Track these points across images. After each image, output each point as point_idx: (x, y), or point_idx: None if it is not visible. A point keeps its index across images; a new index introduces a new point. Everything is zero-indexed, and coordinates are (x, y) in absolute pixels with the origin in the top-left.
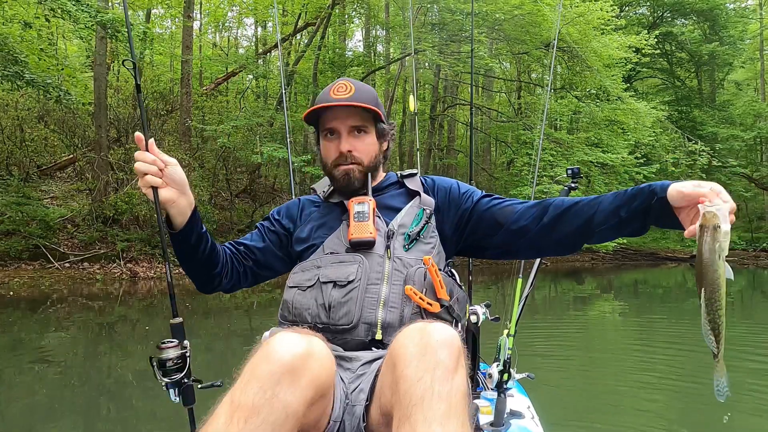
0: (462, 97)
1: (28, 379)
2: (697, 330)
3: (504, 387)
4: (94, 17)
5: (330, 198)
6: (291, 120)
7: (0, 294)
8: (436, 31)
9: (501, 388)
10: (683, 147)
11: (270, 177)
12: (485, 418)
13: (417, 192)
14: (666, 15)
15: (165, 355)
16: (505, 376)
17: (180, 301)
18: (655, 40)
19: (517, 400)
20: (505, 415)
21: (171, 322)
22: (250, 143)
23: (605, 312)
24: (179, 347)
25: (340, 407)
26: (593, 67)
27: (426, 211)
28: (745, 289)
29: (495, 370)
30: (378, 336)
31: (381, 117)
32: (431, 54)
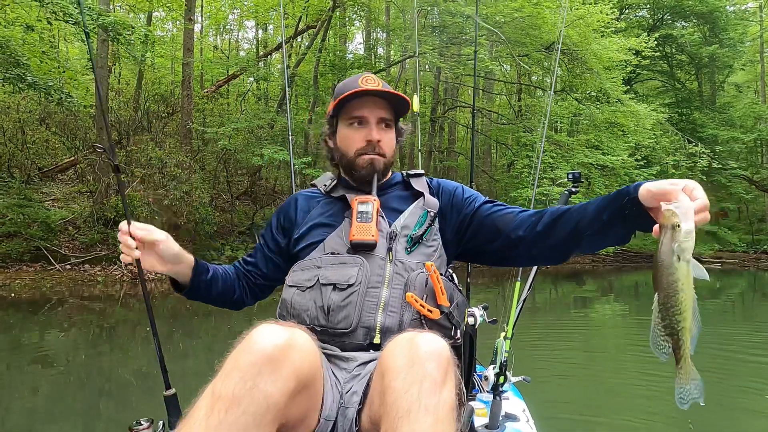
0: (462, 100)
1: (28, 381)
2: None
3: (500, 390)
4: (95, 20)
5: (333, 192)
6: (292, 122)
7: (1, 296)
8: (436, 34)
9: (497, 390)
10: (683, 149)
11: (271, 179)
12: (480, 420)
13: (422, 193)
14: (666, 17)
15: None
16: (501, 378)
17: (181, 302)
18: (655, 42)
19: (513, 403)
20: (501, 418)
21: (165, 394)
22: (250, 145)
23: (605, 314)
24: (151, 429)
25: (333, 405)
26: (593, 70)
27: (430, 214)
28: (746, 292)
29: (491, 372)
30: (376, 340)
31: (404, 112)
32: (432, 56)
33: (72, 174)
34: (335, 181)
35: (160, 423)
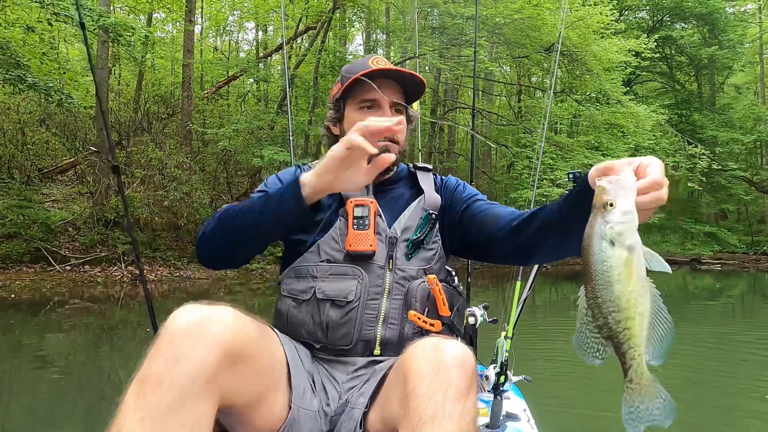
0: (462, 101)
1: (28, 382)
2: (697, 334)
3: (500, 389)
4: (96, 21)
5: None
6: (293, 123)
7: (1, 297)
8: (436, 35)
9: (497, 390)
10: (683, 150)
11: None
12: (481, 419)
13: (423, 189)
14: (665, 19)
15: None
16: (502, 378)
17: (180, 303)
18: (655, 43)
19: (514, 402)
20: (501, 417)
21: None
22: (251, 147)
23: None
24: None
25: (312, 398)
26: (593, 71)
27: (431, 216)
28: (746, 293)
29: (492, 371)
30: (377, 352)
31: (417, 97)
32: (431, 58)
33: (72, 175)
34: None
35: None
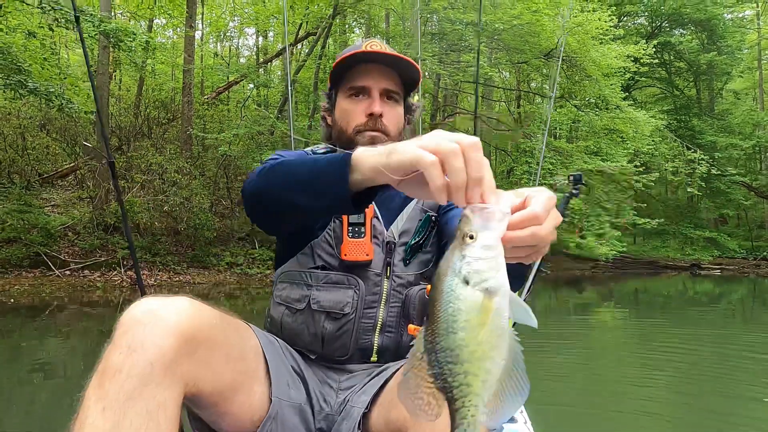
0: (462, 106)
1: (27, 387)
2: (698, 337)
3: None
4: (97, 27)
5: None
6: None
7: (0, 301)
8: (436, 41)
9: None
10: (682, 156)
11: None
12: None
13: None
14: (664, 25)
15: None
16: None
17: None
18: (654, 49)
19: None
20: None
21: None
22: (251, 151)
23: (605, 320)
24: None
25: (298, 393)
26: (592, 77)
27: (432, 218)
28: (746, 298)
29: None
30: (373, 359)
31: (414, 86)
32: (431, 63)
33: (72, 180)
34: None
35: None
